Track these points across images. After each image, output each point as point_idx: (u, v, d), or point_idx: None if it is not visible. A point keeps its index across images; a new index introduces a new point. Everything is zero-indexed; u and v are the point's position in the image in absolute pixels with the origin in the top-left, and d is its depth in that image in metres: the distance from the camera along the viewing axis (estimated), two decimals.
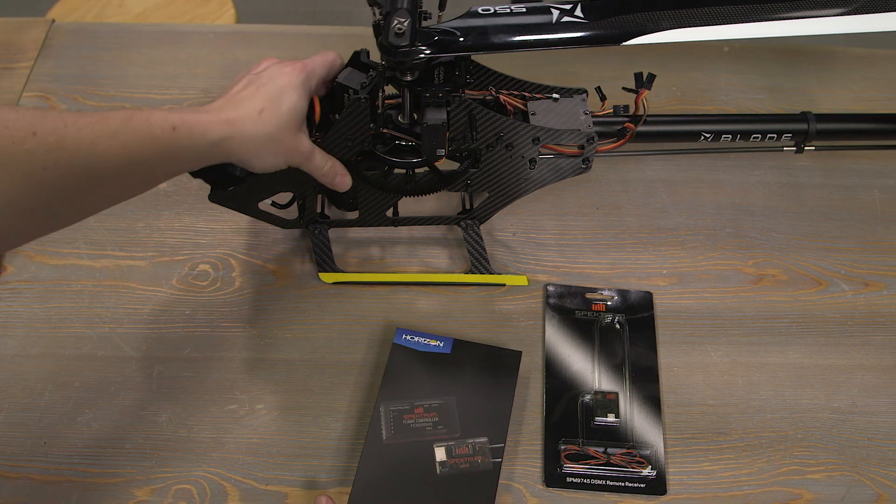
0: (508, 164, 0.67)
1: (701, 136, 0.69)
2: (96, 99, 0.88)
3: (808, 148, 0.69)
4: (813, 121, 0.69)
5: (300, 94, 0.59)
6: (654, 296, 0.73)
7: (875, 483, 0.64)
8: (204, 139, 0.55)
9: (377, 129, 0.63)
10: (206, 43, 0.93)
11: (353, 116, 0.62)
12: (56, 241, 0.75)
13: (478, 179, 0.69)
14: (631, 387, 0.68)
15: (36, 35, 0.93)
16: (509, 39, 0.60)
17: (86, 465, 0.64)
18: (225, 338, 0.70)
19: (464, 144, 0.65)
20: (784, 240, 0.78)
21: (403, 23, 0.58)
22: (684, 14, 0.60)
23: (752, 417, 0.67)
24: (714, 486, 0.64)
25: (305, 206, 0.71)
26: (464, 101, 0.62)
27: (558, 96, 0.68)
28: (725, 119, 0.70)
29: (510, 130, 0.65)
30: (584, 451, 0.65)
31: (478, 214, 0.74)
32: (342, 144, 0.64)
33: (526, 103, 0.67)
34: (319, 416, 0.66)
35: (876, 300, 0.74)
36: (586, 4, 0.61)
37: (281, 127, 0.58)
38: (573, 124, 0.66)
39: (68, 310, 0.72)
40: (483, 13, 0.60)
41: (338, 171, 0.64)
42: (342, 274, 0.73)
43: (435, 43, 0.59)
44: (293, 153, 0.60)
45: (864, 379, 0.70)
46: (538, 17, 0.60)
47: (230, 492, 0.63)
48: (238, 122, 0.56)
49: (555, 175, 0.69)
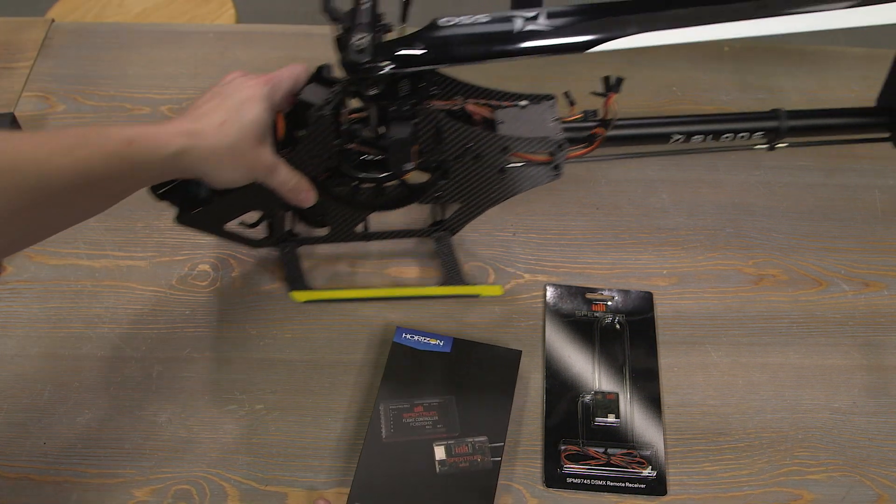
0: (478, 175, 0.66)
1: (671, 137, 0.67)
2: (96, 99, 0.88)
3: (780, 145, 0.68)
4: (784, 118, 0.68)
5: (263, 107, 0.58)
6: (654, 296, 0.73)
7: (876, 483, 0.64)
8: (162, 152, 0.54)
9: (342, 145, 0.62)
10: (206, 43, 0.93)
11: (316, 133, 0.61)
12: (55, 241, 0.74)
13: (448, 191, 0.68)
14: (631, 387, 0.68)
15: (35, 35, 0.93)
16: (471, 51, 0.58)
17: (85, 465, 0.63)
18: (224, 338, 0.70)
19: (432, 157, 0.64)
20: (784, 240, 0.78)
21: (364, 38, 0.56)
22: (652, 18, 0.58)
23: (752, 418, 0.67)
24: (714, 487, 0.64)
25: (274, 224, 0.70)
26: (430, 113, 0.61)
27: (526, 103, 0.66)
28: (695, 120, 0.68)
29: (478, 141, 0.63)
30: (584, 452, 0.65)
31: (450, 226, 0.73)
32: (308, 161, 0.62)
33: (494, 112, 0.66)
34: (319, 417, 0.66)
35: (876, 300, 0.74)
36: (551, 12, 0.59)
37: (242, 139, 0.56)
38: (541, 131, 0.65)
39: (68, 310, 0.72)
40: (445, 25, 0.59)
41: (303, 186, 0.62)
42: (313, 292, 0.72)
43: (396, 58, 0.57)
44: (255, 166, 0.58)
45: (865, 379, 0.69)
46: (501, 27, 0.59)
47: (230, 492, 0.63)
48: (198, 133, 0.55)
49: (527, 183, 0.67)
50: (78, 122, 0.86)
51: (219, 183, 0.58)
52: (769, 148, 0.68)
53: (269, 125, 0.59)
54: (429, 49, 0.58)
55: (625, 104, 0.68)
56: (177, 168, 0.55)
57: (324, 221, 0.71)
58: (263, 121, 0.58)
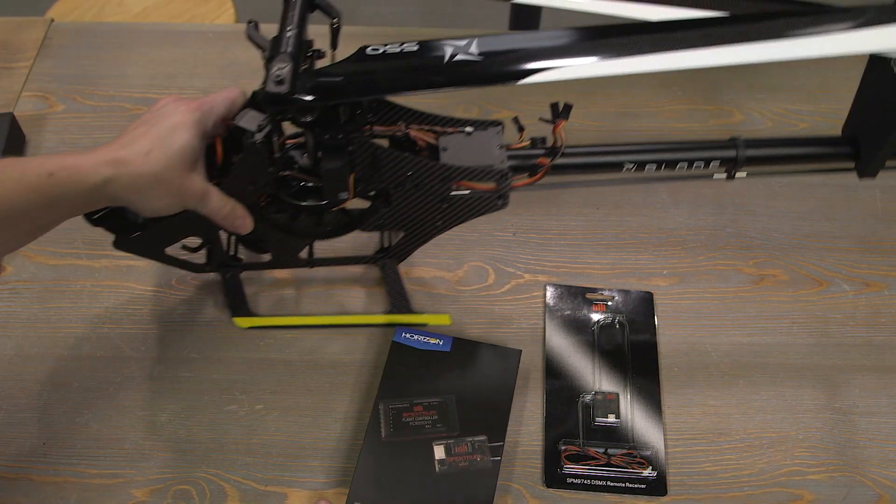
0: (420, 203, 0.63)
1: (623, 166, 0.64)
2: (95, 98, 0.88)
3: (739, 175, 0.66)
4: (742, 147, 0.65)
5: (192, 133, 0.55)
6: (654, 296, 0.73)
7: (876, 484, 0.64)
8: (85, 183, 0.52)
9: (276, 173, 0.60)
10: (205, 42, 0.93)
11: (248, 161, 0.58)
12: (55, 241, 0.74)
13: (391, 219, 0.65)
14: (631, 387, 0.68)
15: (35, 34, 0.93)
16: (398, 82, 0.56)
17: (84, 465, 0.63)
18: (224, 338, 0.70)
19: (370, 185, 0.62)
20: (785, 240, 0.78)
21: (283, 68, 0.54)
22: (591, 46, 0.56)
23: (752, 418, 0.67)
24: (714, 487, 0.64)
25: (213, 250, 0.68)
26: (364, 142, 0.58)
27: (472, 129, 0.64)
28: (648, 149, 0.65)
29: (417, 169, 0.61)
30: (584, 452, 0.65)
31: (396, 253, 0.71)
32: (243, 188, 0.60)
33: (438, 138, 0.63)
34: (319, 417, 0.66)
35: (877, 300, 0.74)
36: (483, 40, 0.56)
37: (170, 167, 0.54)
38: (486, 160, 0.62)
39: (67, 310, 0.72)
40: (371, 54, 0.56)
41: (238, 214, 0.60)
42: (257, 318, 0.71)
43: (317, 89, 0.54)
44: (185, 195, 0.56)
45: (866, 379, 0.69)
46: (429, 57, 0.55)
47: (230, 493, 0.62)
48: (123, 162, 0.53)
49: (473, 212, 0.64)
50: (78, 121, 0.86)
51: (147, 212, 0.57)
52: (729, 177, 0.66)
53: (200, 151, 0.57)
54: (351, 80, 0.55)
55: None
56: (103, 198, 0.54)
57: (265, 248, 0.68)
58: (192, 147, 0.56)
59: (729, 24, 0.57)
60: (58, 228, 0.58)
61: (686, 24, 0.57)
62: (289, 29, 0.57)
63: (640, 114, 0.88)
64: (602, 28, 0.57)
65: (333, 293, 0.73)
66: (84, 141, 0.84)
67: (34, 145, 0.84)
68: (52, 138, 0.84)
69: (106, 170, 0.53)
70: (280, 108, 0.55)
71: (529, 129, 0.63)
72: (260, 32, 0.59)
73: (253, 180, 0.60)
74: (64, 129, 0.85)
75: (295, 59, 0.55)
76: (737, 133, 0.67)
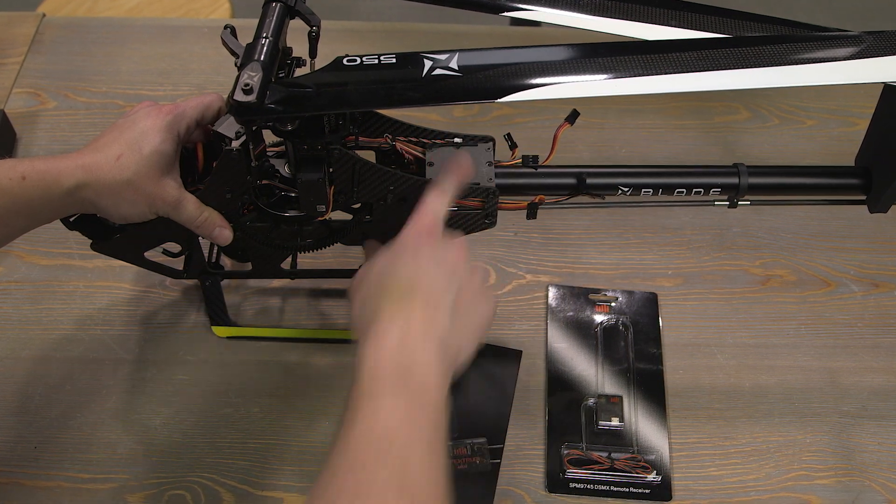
0: (404, 219, 0.59)
1: (618, 189, 0.62)
2: (87, 95, 0.87)
3: (742, 203, 0.62)
4: (745, 174, 0.61)
5: (163, 138, 0.55)
6: (658, 297, 0.72)
7: (885, 489, 0.63)
8: (57, 188, 0.52)
9: (255, 182, 0.59)
10: (200, 38, 0.92)
11: (225, 169, 0.57)
12: (47, 241, 0.74)
13: (373, 233, 0.63)
14: (635, 390, 0.67)
15: (26, 30, 0.92)
16: (371, 97, 0.53)
17: (77, 469, 0.62)
18: (220, 340, 0.69)
19: (350, 199, 0.60)
20: (792, 239, 0.77)
21: (253, 77, 0.51)
22: (578, 65, 0.53)
23: (759, 421, 0.66)
24: (720, 492, 0.63)
25: (192, 257, 0.67)
26: (343, 155, 0.56)
27: (460, 141, 0.62)
28: (645, 173, 0.62)
29: (399, 184, 0.59)
30: (587, 456, 0.64)
31: None
32: (220, 196, 0.59)
33: (425, 151, 0.61)
34: (315, 420, 0.65)
35: (886, 301, 0.73)
36: (464, 54, 0.53)
37: (141, 173, 0.54)
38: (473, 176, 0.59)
39: (59, 311, 0.71)
40: (348, 65, 0.53)
41: (216, 222, 0.59)
42: (236, 328, 0.69)
43: (287, 100, 0.52)
44: (157, 201, 0.56)
45: (874, 382, 0.68)
46: (407, 71, 0.53)
47: (225, 497, 0.62)
48: (95, 167, 0.53)
49: (458, 228, 0.62)
50: (70, 118, 0.85)
51: (117, 218, 0.57)
52: (731, 205, 0.63)
53: (174, 157, 0.56)
54: (323, 93, 0.53)
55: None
56: (75, 203, 0.54)
57: (246, 257, 0.67)
58: (164, 152, 0.55)
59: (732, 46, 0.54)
60: (49, 228, 0.57)
61: (682, 45, 0.54)
62: (264, 36, 0.55)
63: (643, 110, 0.87)
64: (591, 45, 0.54)
65: (319, 304, 0.72)
66: (76, 139, 0.83)
67: (25, 143, 0.82)
68: (44, 136, 0.83)
69: (79, 174, 0.53)
70: (247, 118, 0.53)
71: (522, 147, 0.61)
72: (237, 39, 0.58)
73: (231, 188, 0.58)
74: (56, 127, 0.84)
75: (267, 69, 0.53)
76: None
